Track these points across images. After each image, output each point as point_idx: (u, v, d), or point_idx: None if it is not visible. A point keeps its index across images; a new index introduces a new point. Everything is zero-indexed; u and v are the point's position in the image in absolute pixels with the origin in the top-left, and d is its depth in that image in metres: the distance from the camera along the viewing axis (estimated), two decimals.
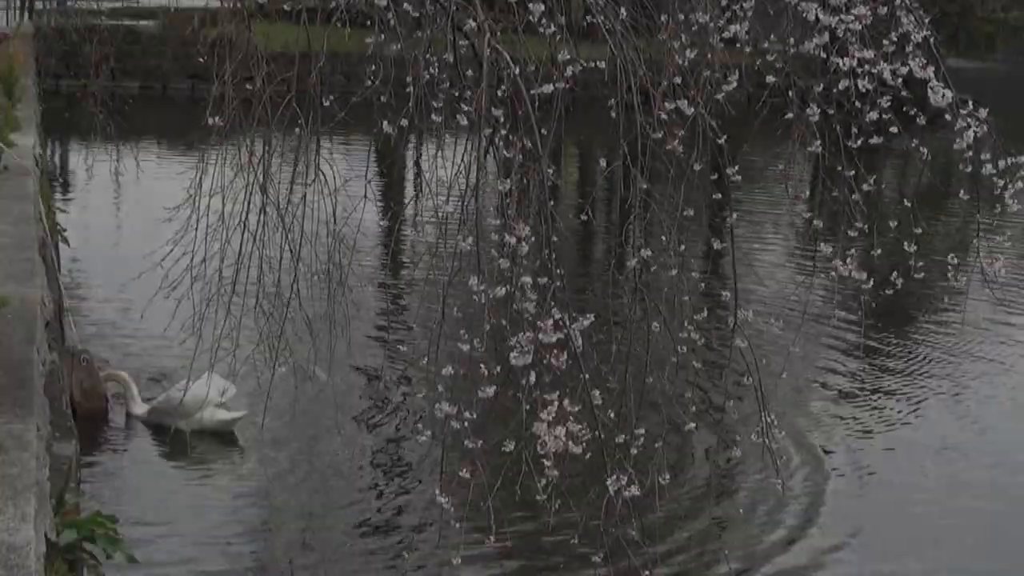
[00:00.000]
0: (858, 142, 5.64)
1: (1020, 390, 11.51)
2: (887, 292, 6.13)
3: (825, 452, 9.61)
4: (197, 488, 8.57)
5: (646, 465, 5.81)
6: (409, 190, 19.23)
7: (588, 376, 5.15)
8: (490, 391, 5.00)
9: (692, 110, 5.46)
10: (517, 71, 5.16)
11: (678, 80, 5.49)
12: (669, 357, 5.92)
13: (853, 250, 5.89)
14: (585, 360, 5.09)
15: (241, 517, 8.08)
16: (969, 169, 5.39)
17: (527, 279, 5.04)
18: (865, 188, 5.83)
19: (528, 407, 4.99)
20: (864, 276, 5.79)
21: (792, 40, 5.71)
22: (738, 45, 5.74)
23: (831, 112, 5.67)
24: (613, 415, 5.60)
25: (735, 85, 5.60)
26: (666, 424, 6.40)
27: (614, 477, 5.13)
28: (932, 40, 5.36)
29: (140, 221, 15.59)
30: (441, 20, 5.66)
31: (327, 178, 6.62)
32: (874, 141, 5.69)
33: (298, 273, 6.72)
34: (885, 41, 5.35)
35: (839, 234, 6.00)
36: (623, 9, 5.51)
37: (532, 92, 5.27)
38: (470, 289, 5.06)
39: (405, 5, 5.89)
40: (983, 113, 5.26)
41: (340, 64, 8.14)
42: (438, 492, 5.31)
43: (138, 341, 10.95)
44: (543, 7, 5.35)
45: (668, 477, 5.84)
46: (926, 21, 5.40)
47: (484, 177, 5.45)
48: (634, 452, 5.59)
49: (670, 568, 7.57)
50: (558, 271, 5.20)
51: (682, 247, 5.73)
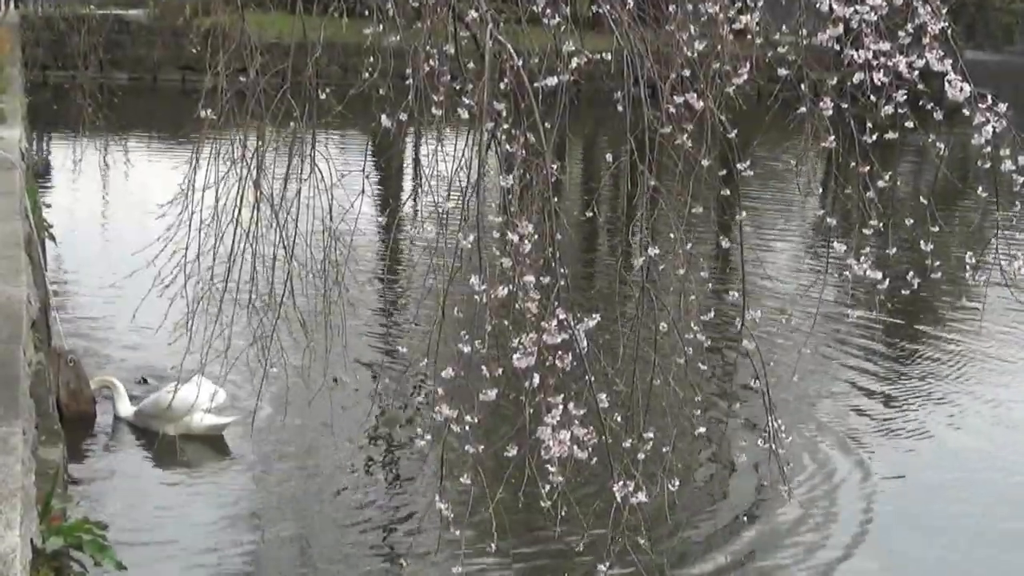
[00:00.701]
0: (873, 137, 5.63)
1: None
2: (903, 292, 6.13)
3: (836, 459, 9.60)
4: (188, 494, 8.57)
5: (654, 471, 5.81)
6: (408, 186, 19.25)
7: (594, 378, 5.15)
8: (492, 394, 5.01)
9: (701, 104, 5.46)
10: (520, 63, 5.16)
11: (686, 73, 5.48)
12: (676, 359, 5.92)
13: (867, 249, 5.88)
14: (590, 362, 5.09)
15: (233, 524, 8.08)
16: (987, 165, 5.39)
17: (530, 278, 5.04)
18: (880, 185, 5.82)
19: (531, 411, 4.99)
20: (879, 276, 5.79)
21: (805, 31, 5.71)
22: (749, 36, 5.73)
23: (845, 106, 5.66)
24: (620, 419, 5.60)
25: (745, 78, 5.59)
26: (675, 428, 6.40)
27: (621, 483, 5.13)
28: (950, 32, 5.35)
29: (130, 217, 15.62)
30: (442, 10, 5.66)
31: (323, 173, 6.63)
32: (889, 136, 5.68)
33: (292, 271, 6.73)
34: (901, 32, 5.35)
35: (853, 232, 5.99)
36: None
37: (536, 85, 5.28)
38: (471, 288, 5.06)
39: None
40: (1002, 108, 5.26)
41: (337, 55, 8.14)
42: (438, 499, 5.31)
43: (128, 341, 10.95)
44: None
45: (677, 483, 5.84)
46: (943, 12, 5.39)
47: (486, 173, 5.45)
48: (642, 457, 5.59)
49: None
50: (562, 270, 5.21)
51: (690, 245, 5.73)
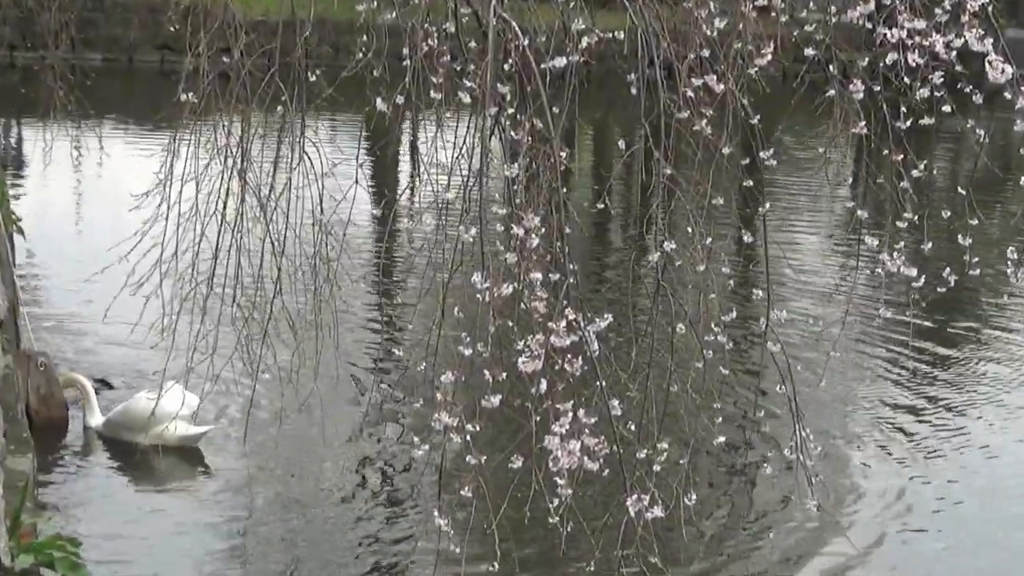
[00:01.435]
0: (907, 123, 5.63)
1: None
2: (939, 290, 6.12)
3: (869, 470, 9.59)
4: (167, 509, 8.57)
5: (670, 484, 5.80)
6: (405, 175, 19.26)
7: (605, 384, 5.15)
8: (495, 400, 5.01)
9: (721, 87, 5.46)
10: (526, 42, 5.16)
11: (706, 53, 5.48)
12: (695, 363, 5.92)
13: (901, 243, 5.88)
14: (602, 366, 5.10)
15: (215, 538, 8.09)
16: None
17: (537, 275, 5.04)
18: (915, 174, 5.82)
19: (538, 418, 4.99)
20: (914, 272, 5.79)
21: (833, 8, 5.71)
22: (773, 14, 5.73)
23: (877, 89, 5.65)
24: (633, 427, 5.60)
25: (769, 59, 5.59)
26: (692, 438, 6.40)
27: (634, 497, 5.14)
28: (990, 8, 5.34)
29: (104, 209, 15.62)
30: None
31: (313, 162, 6.63)
32: (925, 122, 5.67)
33: (281, 268, 6.73)
34: (938, 10, 5.34)
35: (886, 225, 5.99)
36: None
37: (543, 66, 5.28)
38: (473, 286, 5.06)
39: None
40: None
41: (328, 34, 8.16)
42: (436, 514, 5.32)
43: (101, 344, 10.95)
44: None
45: (694, 497, 5.83)
46: None
47: (489, 161, 5.45)
48: (657, 469, 5.59)
49: None
50: (571, 266, 5.21)
51: (709, 240, 5.73)
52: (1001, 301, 13.66)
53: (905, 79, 5.45)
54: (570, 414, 4.97)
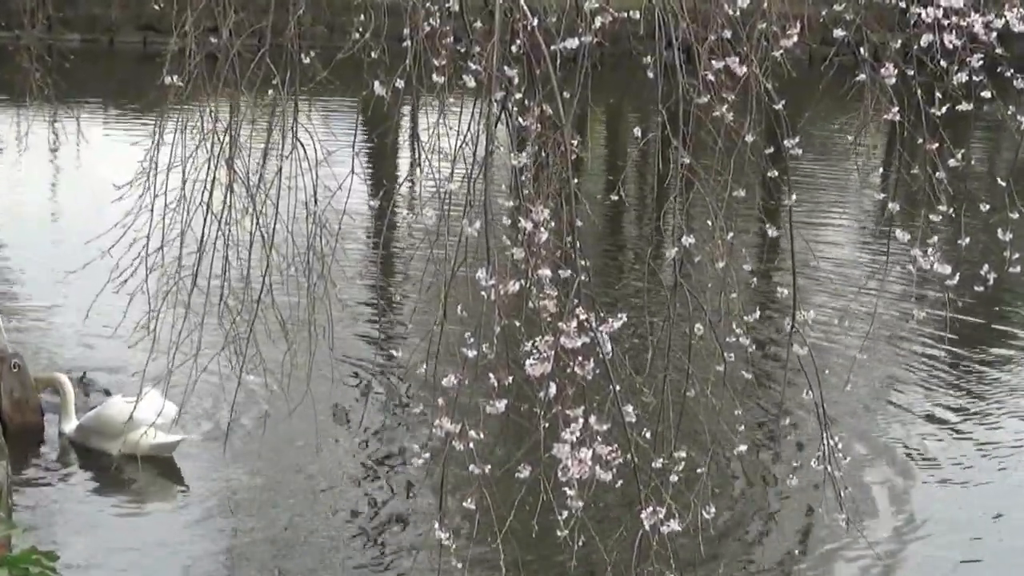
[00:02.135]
0: (943, 109, 5.63)
1: None
2: (976, 289, 6.12)
3: (903, 483, 9.58)
4: (147, 520, 8.59)
5: (687, 495, 5.80)
6: (405, 165, 19.26)
7: (619, 388, 5.15)
8: (501, 406, 5.01)
9: (744, 70, 5.46)
10: (535, 22, 5.16)
11: (727, 34, 5.48)
12: (715, 366, 5.92)
13: (936, 238, 5.88)
14: (615, 369, 5.10)
15: (197, 550, 8.10)
16: None
17: (546, 272, 5.04)
18: (951, 164, 5.82)
19: (547, 425, 4.99)
20: (949, 269, 5.78)
21: None
22: None
23: (911, 73, 5.65)
24: (648, 435, 5.61)
25: (796, 40, 5.59)
26: (712, 446, 6.40)
27: (650, 509, 5.14)
28: None
29: (83, 200, 15.63)
30: None
31: (306, 150, 6.63)
32: (962, 108, 5.67)
33: (271, 263, 6.73)
34: None
35: (919, 219, 5.99)
36: None
37: (553, 48, 5.28)
38: (477, 283, 5.06)
39: None
40: None
41: (323, 13, 8.15)
42: (437, 527, 5.32)
43: (81, 343, 10.97)
44: None
45: (713, 510, 5.83)
46: None
47: (495, 149, 5.45)
48: (674, 480, 5.59)
49: None
50: (583, 262, 5.21)
51: (731, 234, 5.73)
52: None
53: (941, 62, 5.45)
54: (581, 420, 4.98)
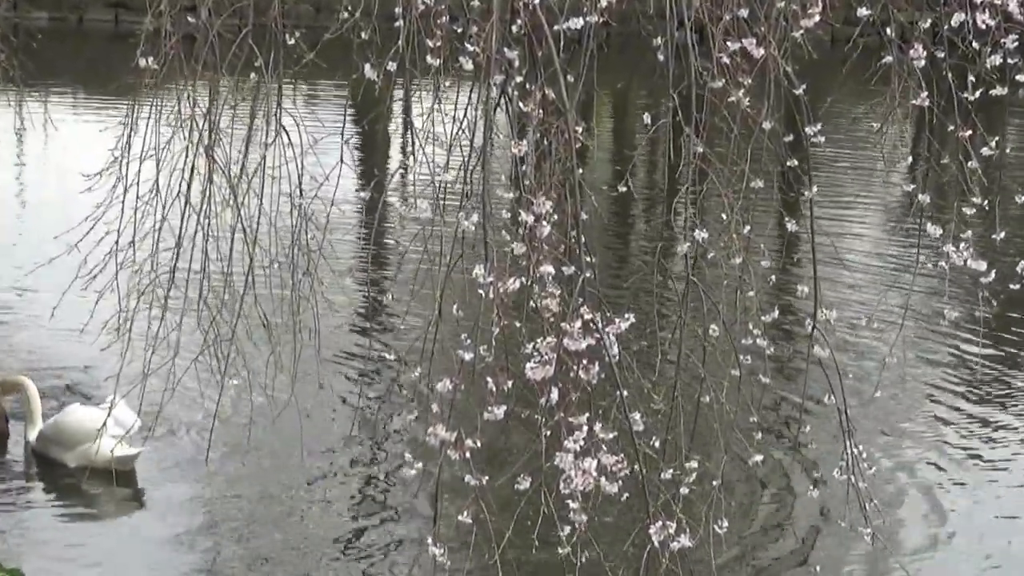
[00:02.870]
0: (976, 94, 5.64)
1: None
2: (1012, 286, 6.12)
3: (933, 496, 9.58)
4: (119, 535, 8.60)
5: (699, 509, 5.81)
6: (397, 153, 19.26)
7: (626, 394, 5.15)
8: (500, 412, 5.01)
9: (761, 52, 5.46)
10: (537, 0, 5.17)
11: (743, 13, 5.49)
12: (730, 370, 5.92)
13: (969, 232, 5.88)
14: (622, 373, 5.10)
15: (171, 568, 8.11)
16: None
17: (548, 268, 5.04)
18: (984, 152, 5.82)
19: (549, 433, 5.00)
20: (983, 266, 5.79)
21: None
22: None
23: (941, 55, 5.66)
24: (658, 444, 5.61)
25: (817, 20, 5.60)
26: (726, 456, 6.40)
27: (659, 524, 5.14)
28: None
29: (51, 191, 15.65)
30: None
31: (291, 137, 6.63)
32: (996, 92, 5.68)
33: (253, 259, 6.74)
34: None
35: (951, 212, 5.99)
36: None
37: (556, 28, 5.28)
38: (475, 281, 5.06)
39: None
40: None
41: None
42: (431, 542, 5.32)
43: (47, 345, 10.97)
44: None
45: (727, 525, 5.84)
46: None
47: (494, 137, 5.45)
48: (685, 492, 5.60)
49: None
50: (588, 258, 5.21)
51: (747, 228, 5.74)
52: None
53: (973, 43, 5.46)
54: (585, 428, 4.98)
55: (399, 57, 5.55)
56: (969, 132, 5.67)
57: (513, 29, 5.34)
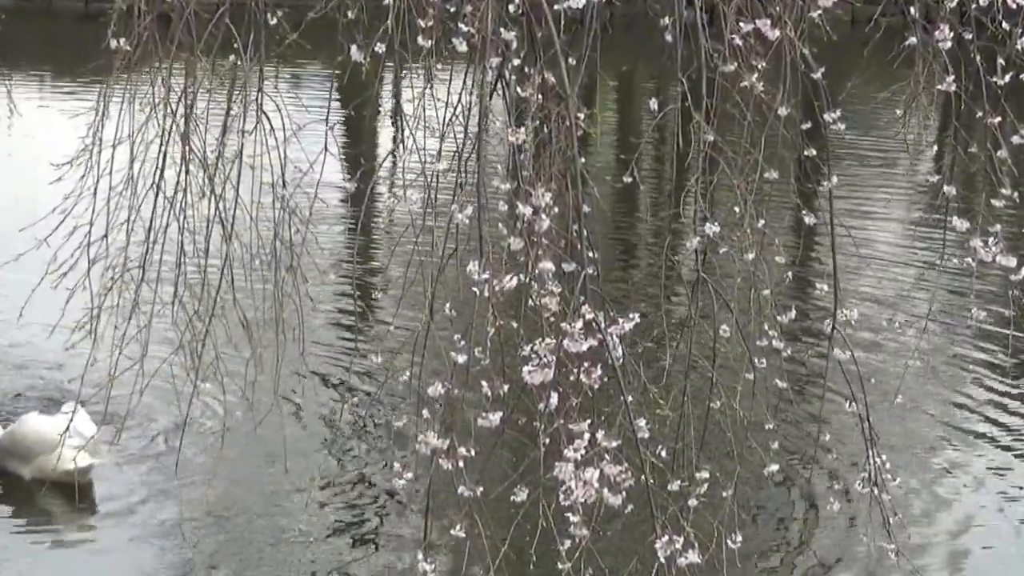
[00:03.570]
0: (1005, 78, 5.63)
1: None
2: None
3: (961, 507, 9.59)
4: (83, 551, 8.60)
5: (709, 522, 5.81)
6: (386, 141, 19.25)
7: (631, 399, 5.15)
8: (495, 418, 5.01)
9: (777, 33, 5.46)
10: None
11: None
12: (744, 373, 5.93)
13: (998, 226, 5.88)
14: (627, 377, 5.10)
15: None
16: None
17: (548, 265, 5.04)
18: (1015, 141, 5.82)
19: (548, 441, 4.99)
20: (1013, 262, 5.79)
21: None
22: None
23: (968, 37, 5.66)
24: (665, 453, 5.61)
25: None
26: (738, 466, 6.40)
27: (665, 539, 5.14)
28: None
29: (16, 182, 15.64)
30: None
31: (273, 124, 6.63)
32: None
33: (232, 254, 6.74)
34: None
35: (978, 204, 5.99)
36: None
37: (556, 7, 5.28)
38: (469, 278, 5.06)
39: None
40: None
41: None
42: (421, 557, 5.32)
43: (13, 347, 10.97)
44: None
45: (739, 539, 5.84)
46: None
47: (489, 124, 5.45)
48: (693, 504, 5.60)
49: None
50: (591, 254, 5.21)
51: (761, 222, 5.74)
52: None
53: (1003, 24, 5.45)
54: (587, 436, 4.98)
55: (388, 38, 5.55)
56: (998, 119, 5.67)
57: (510, 8, 5.34)
